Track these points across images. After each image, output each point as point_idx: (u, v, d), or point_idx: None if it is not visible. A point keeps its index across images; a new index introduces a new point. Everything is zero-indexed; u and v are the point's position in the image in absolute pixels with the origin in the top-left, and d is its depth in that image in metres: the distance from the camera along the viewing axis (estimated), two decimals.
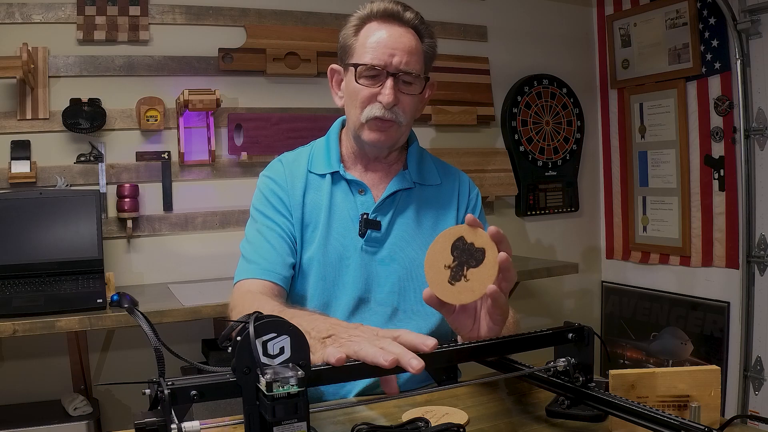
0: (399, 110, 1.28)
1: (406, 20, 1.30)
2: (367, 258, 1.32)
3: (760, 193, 2.71)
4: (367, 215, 1.32)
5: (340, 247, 1.31)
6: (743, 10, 2.65)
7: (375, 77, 1.26)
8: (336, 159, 1.37)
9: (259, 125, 2.63)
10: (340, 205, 1.34)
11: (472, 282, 0.93)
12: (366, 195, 1.35)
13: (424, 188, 1.39)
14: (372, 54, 1.26)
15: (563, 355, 0.96)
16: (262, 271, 1.27)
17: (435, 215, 1.38)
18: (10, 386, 2.31)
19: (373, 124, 1.28)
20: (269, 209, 1.34)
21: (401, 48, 1.26)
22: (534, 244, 3.28)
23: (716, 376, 0.93)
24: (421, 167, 1.41)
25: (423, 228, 1.36)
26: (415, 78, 1.28)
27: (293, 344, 0.74)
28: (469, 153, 3.06)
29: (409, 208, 1.36)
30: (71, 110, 2.37)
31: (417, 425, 0.87)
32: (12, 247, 2.11)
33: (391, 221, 1.34)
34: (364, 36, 1.29)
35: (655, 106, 3.13)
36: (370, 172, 1.38)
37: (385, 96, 1.25)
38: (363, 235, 1.31)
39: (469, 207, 1.43)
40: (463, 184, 1.45)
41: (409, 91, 1.28)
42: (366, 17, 1.30)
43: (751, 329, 2.72)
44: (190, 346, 2.50)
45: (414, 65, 1.27)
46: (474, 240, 0.95)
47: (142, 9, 2.50)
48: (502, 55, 3.17)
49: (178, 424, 0.70)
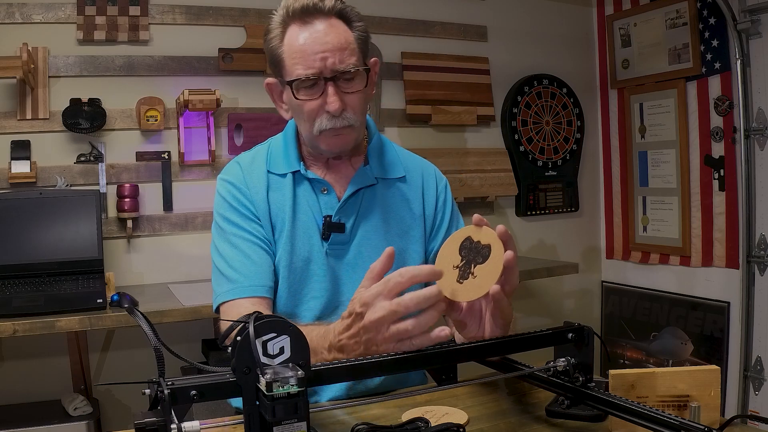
0: (349, 113, 1.20)
1: (328, 10, 1.19)
2: (333, 262, 1.26)
3: (760, 193, 2.71)
4: (330, 217, 1.26)
5: (305, 251, 1.26)
6: (743, 10, 2.65)
7: (313, 86, 1.18)
8: (295, 158, 1.30)
9: (259, 125, 2.63)
10: (304, 205, 1.28)
11: (480, 278, 0.93)
12: (329, 194, 1.28)
13: (388, 184, 1.33)
14: (302, 64, 1.17)
15: (563, 355, 0.96)
16: (245, 289, 1.21)
17: (401, 213, 1.32)
18: (10, 386, 2.31)
19: (327, 135, 1.21)
20: (236, 216, 1.27)
21: (330, 47, 1.16)
22: (534, 244, 3.28)
23: (716, 376, 0.93)
24: (383, 160, 1.34)
25: (389, 227, 1.30)
26: (355, 73, 1.19)
27: (293, 344, 0.74)
28: (469, 153, 3.06)
29: (373, 207, 1.30)
30: (71, 110, 2.37)
31: (417, 425, 0.88)
32: (12, 247, 2.11)
33: (356, 222, 1.28)
34: (289, 44, 1.19)
35: (655, 106, 3.13)
36: (332, 170, 1.31)
37: (331, 105, 1.17)
38: (327, 239, 1.26)
39: (438, 200, 1.37)
40: (428, 175, 1.38)
41: (353, 88, 1.20)
42: (285, 21, 1.20)
43: (751, 329, 2.72)
44: (190, 346, 2.50)
45: (349, 60, 1.18)
46: (480, 238, 0.96)
47: (142, 9, 2.50)
48: (502, 55, 3.17)
49: (178, 424, 0.70)
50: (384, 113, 2.91)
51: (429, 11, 3.03)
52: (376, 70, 1.28)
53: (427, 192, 1.36)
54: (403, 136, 2.94)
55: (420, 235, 1.33)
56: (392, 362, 0.88)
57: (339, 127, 1.20)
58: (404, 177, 1.35)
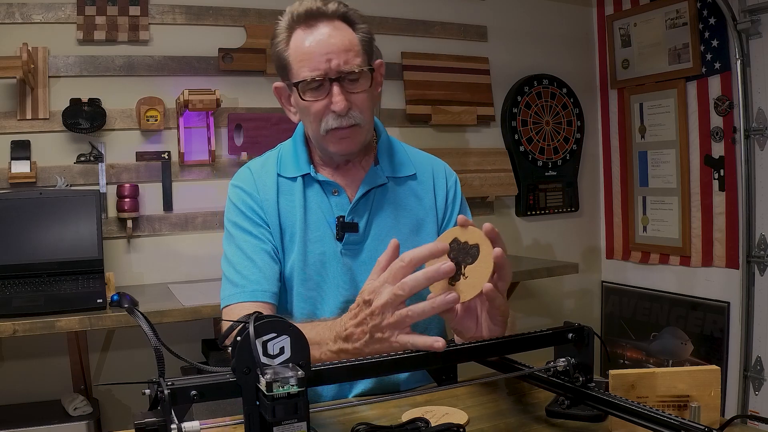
0: (355, 112, 1.22)
1: (331, 13, 1.22)
2: (348, 261, 1.28)
3: (760, 193, 2.71)
4: (343, 218, 1.27)
5: (319, 253, 1.27)
6: (743, 10, 2.65)
7: (319, 88, 1.20)
8: (305, 161, 1.32)
9: (259, 125, 2.63)
10: (315, 208, 1.29)
11: (471, 278, 0.93)
12: (340, 195, 1.30)
13: (399, 182, 1.35)
14: (308, 66, 1.19)
15: (563, 355, 0.96)
16: (249, 294, 1.22)
17: (413, 209, 1.34)
18: (10, 386, 2.31)
19: (334, 135, 1.23)
20: (245, 221, 1.29)
21: (335, 48, 1.19)
22: (534, 244, 3.28)
23: (716, 376, 0.93)
24: (393, 159, 1.36)
25: (402, 224, 1.32)
26: (359, 74, 1.21)
27: (293, 344, 0.74)
28: (469, 153, 3.06)
29: (385, 206, 1.32)
30: (71, 110, 2.37)
31: (417, 425, 0.88)
32: (12, 247, 2.11)
33: (369, 221, 1.30)
34: (295, 48, 1.22)
35: (655, 106, 3.13)
36: (342, 172, 1.32)
37: (336, 104, 1.19)
38: (341, 239, 1.27)
39: (449, 195, 1.38)
40: (438, 172, 1.40)
41: (359, 88, 1.22)
42: (291, 25, 1.23)
43: (751, 329, 2.72)
44: (190, 346, 2.50)
45: (354, 61, 1.21)
46: (468, 238, 0.95)
47: (142, 9, 2.50)
48: (502, 55, 3.17)
49: (178, 424, 0.70)
50: (384, 113, 2.91)
51: (429, 11, 3.03)
52: (381, 71, 1.30)
53: (438, 188, 1.38)
54: (403, 136, 2.92)
55: (433, 230, 1.35)
56: (392, 362, 0.87)
57: (345, 126, 1.22)
58: (414, 175, 1.37)
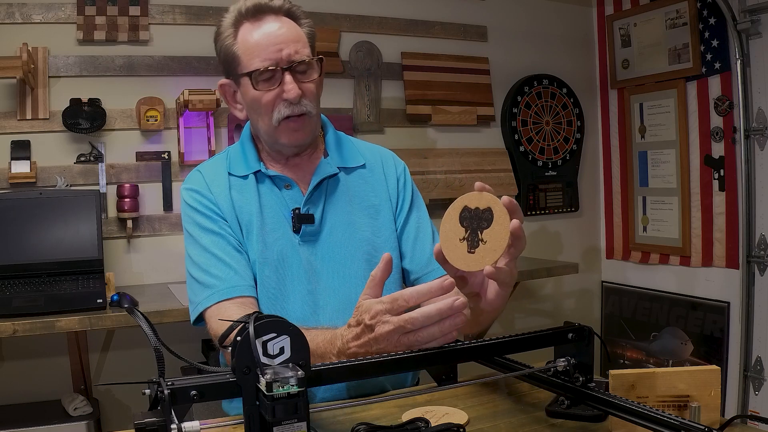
0: (306, 101, 1.25)
1: (277, 8, 1.26)
2: (307, 253, 1.28)
3: (760, 193, 2.71)
4: (299, 210, 1.29)
5: (278, 246, 1.28)
6: (743, 10, 2.65)
7: (271, 78, 1.23)
8: (254, 158, 1.33)
9: None
10: (270, 203, 1.30)
11: (490, 242, 0.93)
12: (293, 189, 1.31)
13: (350, 172, 1.37)
14: (260, 56, 1.22)
15: (563, 355, 0.96)
16: (224, 292, 1.21)
17: (367, 196, 1.36)
18: (10, 386, 2.31)
19: (286, 125, 1.26)
20: (204, 220, 1.29)
21: (285, 39, 1.23)
22: (534, 245, 3.28)
23: (716, 376, 0.93)
24: (341, 151, 1.38)
25: (357, 211, 1.33)
26: (309, 64, 1.26)
27: (293, 344, 0.74)
28: (469, 153, 3.06)
29: (339, 195, 1.33)
30: (71, 110, 2.37)
31: (417, 425, 0.88)
32: (12, 247, 2.11)
33: (324, 212, 1.31)
34: (243, 40, 1.25)
35: (655, 106, 3.13)
36: (291, 166, 1.34)
37: (289, 92, 1.22)
38: (298, 231, 1.28)
39: (399, 182, 1.40)
40: (386, 161, 1.42)
41: (308, 78, 1.26)
42: (238, 20, 1.26)
43: (751, 329, 2.72)
44: (190, 346, 2.50)
45: (303, 51, 1.25)
46: (478, 203, 0.95)
47: (142, 9, 2.50)
48: (502, 55, 3.17)
49: (178, 424, 0.70)
50: (384, 113, 2.91)
51: (429, 11, 3.03)
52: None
53: (389, 175, 1.40)
54: (403, 136, 2.94)
55: (389, 214, 1.36)
56: (392, 362, 0.87)
57: (297, 113, 1.25)
58: (364, 165, 1.39)
